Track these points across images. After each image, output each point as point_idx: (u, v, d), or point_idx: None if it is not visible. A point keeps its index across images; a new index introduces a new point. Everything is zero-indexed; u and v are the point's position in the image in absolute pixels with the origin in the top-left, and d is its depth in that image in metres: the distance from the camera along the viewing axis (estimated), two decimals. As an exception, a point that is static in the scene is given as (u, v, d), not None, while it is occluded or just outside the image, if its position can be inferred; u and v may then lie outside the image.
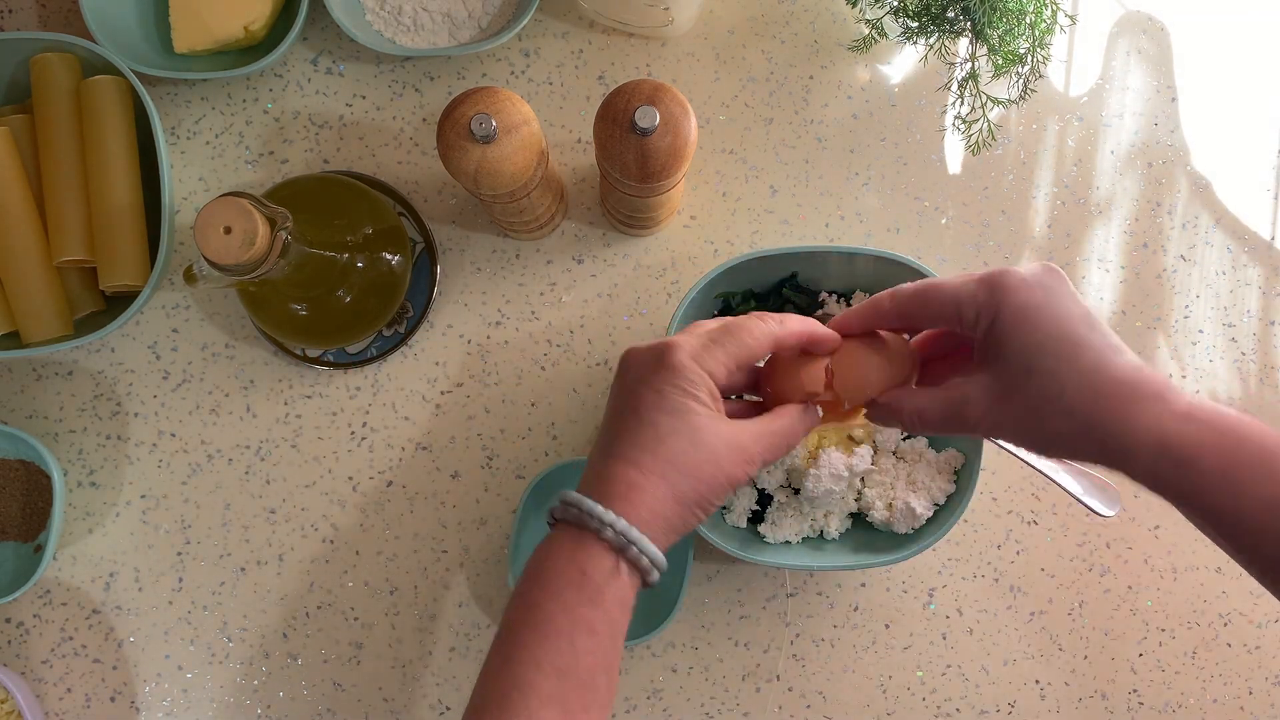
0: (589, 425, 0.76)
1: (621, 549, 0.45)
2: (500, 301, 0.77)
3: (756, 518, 0.71)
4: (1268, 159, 0.79)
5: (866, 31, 0.75)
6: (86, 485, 0.77)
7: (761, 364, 0.53)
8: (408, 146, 0.78)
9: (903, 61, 0.79)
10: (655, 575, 0.46)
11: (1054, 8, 0.69)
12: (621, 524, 0.44)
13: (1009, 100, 0.72)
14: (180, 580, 0.76)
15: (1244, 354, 0.78)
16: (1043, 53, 0.69)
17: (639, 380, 0.47)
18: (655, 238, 0.77)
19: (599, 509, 0.45)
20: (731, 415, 0.49)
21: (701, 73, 0.78)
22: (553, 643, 0.44)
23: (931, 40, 0.71)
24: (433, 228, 0.77)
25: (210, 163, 0.78)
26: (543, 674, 0.43)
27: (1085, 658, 0.76)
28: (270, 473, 0.77)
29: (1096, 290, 0.78)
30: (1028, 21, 0.68)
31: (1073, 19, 0.75)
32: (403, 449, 0.77)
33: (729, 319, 0.50)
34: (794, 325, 0.50)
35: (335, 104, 0.78)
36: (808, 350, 0.51)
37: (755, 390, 0.53)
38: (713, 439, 0.46)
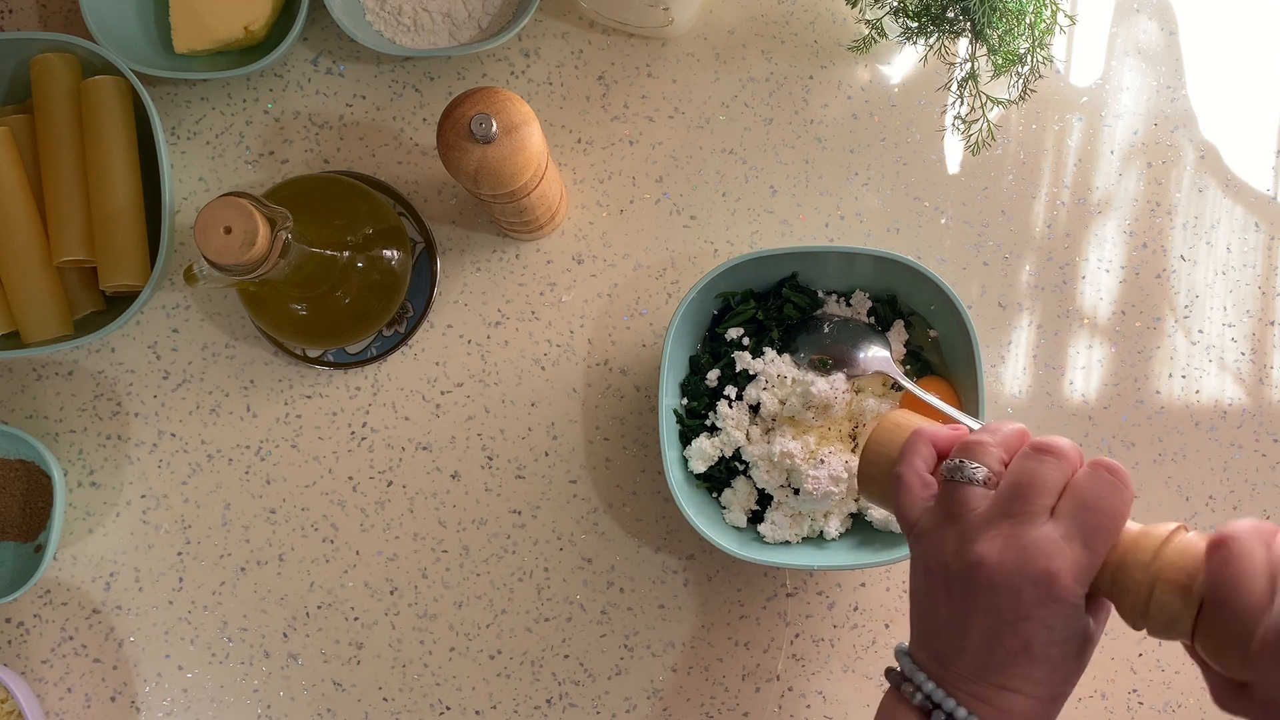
0: (589, 425, 0.76)
1: None
2: (500, 301, 0.77)
3: (756, 518, 0.71)
4: (1267, 159, 0.79)
5: (866, 32, 0.75)
6: (86, 485, 0.77)
7: None
8: (408, 146, 0.78)
9: (903, 61, 0.79)
10: None
11: (1054, 8, 0.69)
12: None
13: (1009, 100, 0.72)
14: (180, 580, 0.76)
15: (1244, 354, 0.78)
16: (1043, 53, 0.69)
17: (1024, 617, 0.45)
18: (655, 238, 0.77)
19: None
20: None
21: (701, 73, 0.78)
22: None
23: (931, 40, 0.71)
24: (433, 228, 0.77)
25: (210, 163, 0.78)
26: None
27: (1085, 658, 0.76)
28: (270, 473, 0.77)
29: (1096, 290, 0.78)
30: (1028, 21, 0.68)
31: (1073, 19, 0.75)
32: (403, 449, 0.77)
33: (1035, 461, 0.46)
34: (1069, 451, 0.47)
35: (335, 104, 0.78)
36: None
37: None
38: (1094, 647, 0.48)
